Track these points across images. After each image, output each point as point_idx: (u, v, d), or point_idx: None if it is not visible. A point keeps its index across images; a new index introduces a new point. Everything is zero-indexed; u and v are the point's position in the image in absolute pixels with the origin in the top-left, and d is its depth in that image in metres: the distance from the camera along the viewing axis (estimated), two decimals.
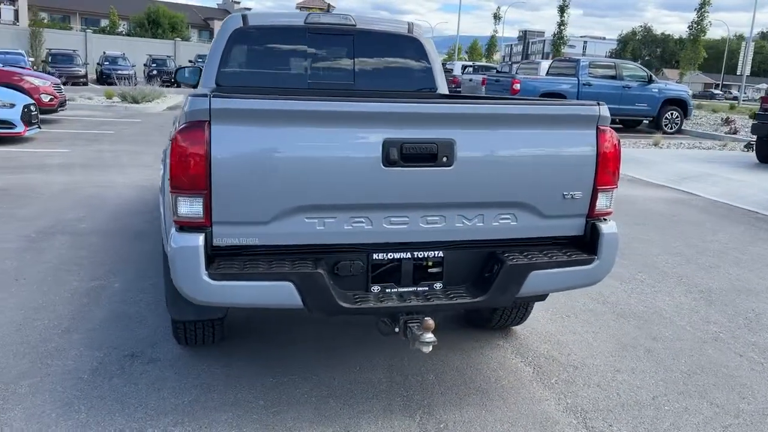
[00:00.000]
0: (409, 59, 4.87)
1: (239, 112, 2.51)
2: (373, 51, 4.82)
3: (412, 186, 2.68)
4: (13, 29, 45.75)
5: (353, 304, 2.69)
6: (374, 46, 4.81)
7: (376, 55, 4.83)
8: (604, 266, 2.97)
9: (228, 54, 4.52)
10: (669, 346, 4.04)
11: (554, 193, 2.87)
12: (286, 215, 2.62)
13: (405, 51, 4.85)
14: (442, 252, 2.89)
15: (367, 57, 4.82)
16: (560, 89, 18.12)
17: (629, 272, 5.52)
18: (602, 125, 2.90)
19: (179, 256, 2.53)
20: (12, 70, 15.25)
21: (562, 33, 45.55)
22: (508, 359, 3.75)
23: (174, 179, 2.53)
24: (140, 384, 3.29)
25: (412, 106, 2.66)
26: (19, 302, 4.30)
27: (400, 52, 4.86)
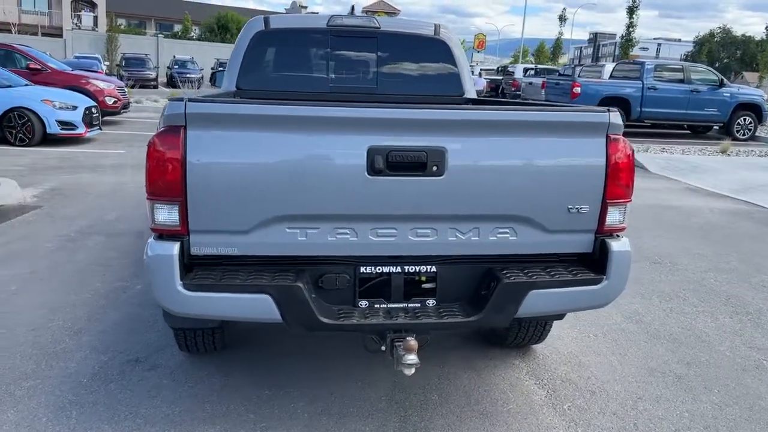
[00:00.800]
0: (435, 62, 4.70)
1: (216, 117, 2.42)
2: (397, 54, 4.67)
3: (400, 196, 2.52)
4: (92, 35, 47.92)
5: (335, 320, 2.55)
6: (399, 49, 4.66)
7: (401, 57, 4.68)
8: (613, 287, 2.72)
9: (249, 57, 4.46)
10: (703, 373, 3.71)
11: (558, 207, 2.65)
12: (266, 225, 2.51)
13: (431, 53, 4.68)
14: (435, 267, 2.71)
15: (392, 60, 4.67)
16: (623, 93, 17.41)
17: (672, 289, 5.16)
18: (613, 133, 2.65)
19: (154, 265, 2.46)
20: (79, 74, 15.87)
21: (631, 35, 43.97)
22: (521, 381, 3.53)
23: (150, 185, 2.46)
24: (136, 391, 3.26)
25: (399, 111, 2.50)
26: (41, 302, 4.37)
27: (425, 55, 4.69)
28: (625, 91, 17.52)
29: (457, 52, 4.68)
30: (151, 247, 2.48)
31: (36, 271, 4.97)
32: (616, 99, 17.32)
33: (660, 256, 6.10)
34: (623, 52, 43.40)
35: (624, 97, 17.38)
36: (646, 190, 9.63)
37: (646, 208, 8.34)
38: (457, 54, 4.67)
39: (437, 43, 4.65)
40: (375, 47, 4.61)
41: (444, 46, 4.66)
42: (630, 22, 43.75)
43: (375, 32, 4.56)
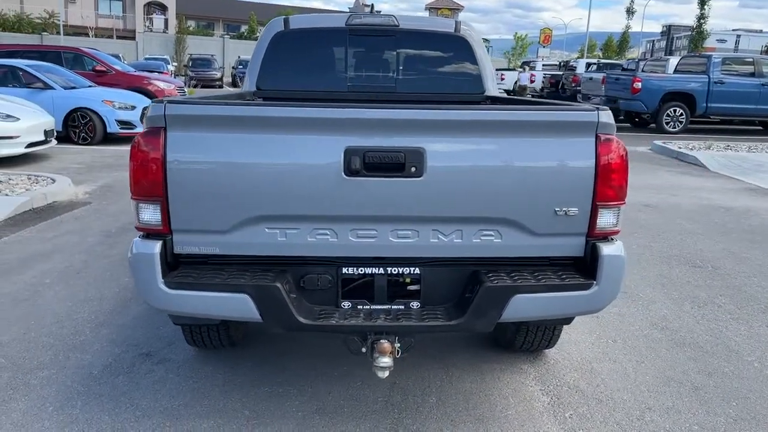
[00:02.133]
0: (455, 60, 4.63)
1: (195, 119, 2.46)
2: (417, 52, 4.63)
3: (378, 197, 2.50)
4: (162, 37, 49.73)
5: (314, 321, 2.55)
6: (418, 47, 4.61)
7: (421, 56, 4.64)
8: (604, 293, 2.61)
9: (269, 58, 4.52)
10: (723, 384, 3.52)
11: (544, 209, 2.56)
12: (246, 225, 2.54)
13: (451, 51, 4.61)
14: (418, 269, 2.68)
15: (411, 58, 4.64)
16: (687, 88, 16.72)
17: (708, 295, 4.92)
18: (604, 133, 2.54)
19: (137, 263, 2.53)
20: (141, 75, 16.51)
21: (702, 27, 41.98)
22: (525, 386, 3.44)
23: (133, 185, 2.53)
24: (141, 383, 3.36)
25: (375, 111, 2.47)
26: (71, 294, 4.57)
27: (445, 53, 4.63)
28: (689, 85, 16.82)
29: (478, 49, 4.59)
30: (135, 246, 2.56)
31: (72, 265, 5.20)
32: (679, 94, 16.69)
33: (702, 259, 5.82)
34: (693, 44, 41.55)
35: (688, 92, 16.71)
36: (699, 189, 9.21)
37: (695, 208, 7.97)
38: (478, 51, 4.59)
39: (458, 41, 4.58)
40: (394, 46, 4.59)
41: (465, 43, 4.59)
42: (702, 13, 41.86)
43: (394, 30, 4.53)
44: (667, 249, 6.13)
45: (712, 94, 16.59)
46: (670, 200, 8.44)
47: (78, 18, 49.35)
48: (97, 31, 48.96)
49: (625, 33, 59.94)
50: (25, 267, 5.15)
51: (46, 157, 10.57)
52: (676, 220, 7.31)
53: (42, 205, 7.29)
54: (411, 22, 4.60)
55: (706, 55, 17.91)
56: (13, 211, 6.75)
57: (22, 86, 12.20)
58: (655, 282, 5.16)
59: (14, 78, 12.44)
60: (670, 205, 8.15)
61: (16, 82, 12.37)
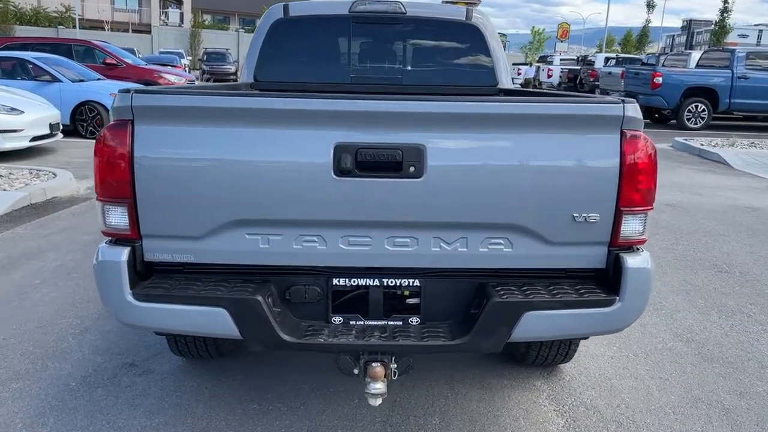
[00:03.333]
0: (466, 50, 4.32)
1: (165, 110, 2.18)
2: (424, 41, 4.33)
3: (372, 200, 2.21)
4: (177, 30, 49.67)
5: (299, 339, 2.27)
6: (426, 36, 4.31)
7: (429, 45, 4.34)
8: (628, 310, 2.30)
9: (267, 47, 4.24)
10: (757, 405, 3.19)
11: (560, 215, 2.25)
12: (223, 230, 2.26)
13: (462, 40, 4.31)
14: (418, 281, 2.38)
15: (418, 48, 4.34)
16: (710, 83, 16.21)
17: (737, 303, 4.58)
18: (630, 129, 2.23)
19: (101, 272, 2.26)
20: (152, 68, 16.35)
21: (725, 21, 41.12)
22: (538, 405, 3.14)
23: (99, 184, 2.26)
24: (121, 398, 3.10)
25: (368, 103, 2.17)
26: (59, 297, 4.33)
27: (455, 42, 4.32)
28: (712, 80, 16.32)
29: (491, 38, 4.28)
30: (101, 253, 2.29)
31: (63, 264, 4.97)
32: (701, 89, 16.21)
33: (728, 263, 5.47)
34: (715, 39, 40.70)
35: (711, 87, 16.21)
36: (723, 189, 8.82)
37: (719, 208, 7.59)
38: (491, 41, 4.27)
39: (469, 29, 4.27)
40: (400, 34, 4.29)
41: (476, 31, 4.27)
42: (724, 8, 41.01)
43: (401, 18, 4.23)
44: (691, 252, 5.78)
45: (736, 89, 16.08)
46: (693, 199, 8.07)
47: (94, 12, 49.43)
48: (113, 24, 49.03)
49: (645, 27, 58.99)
50: (15, 266, 4.93)
51: (52, 151, 10.40)
52: (700, 221, 6.95)
53: (41, 200, 7.09)
54: (419, 9, 4.30)
55: (730, 50, 17.39)
56: (10, 207, 6.55)
57: (30, 79, 12.05)
58: (679, 289, 4.83)
59: (23, 70, 12.29)
60: (693, 204, 7.78)
61: (25, 74, 12.23)
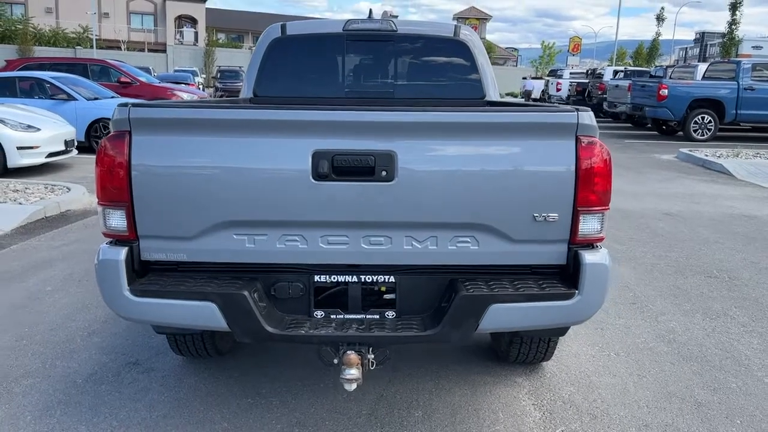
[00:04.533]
0: (454, 65, 4.52)
1: (159, 122, 2.41)
2: (415, 56, 4.53)
3: (348, 202, 2.41)
4: (192, 49, 50.52)
5: (283, 331, 2.47)
6: (416, 52, 4.52)
7: (419, 60, 4.54)
8: (587, 303, 2.47)
9: (266, 64, 4.47)
10: (728, 400, 3.33)
11: (522, 215, 2.44)
12: (212, 231, 2.47)
13: (450, 56, 4.51)
14: (393, 277, 2.57)
15: (409, 63, 4.54)
16: (716, 95, 16.31)
17: (722, 306, 4.71)
18: (584, 135, 2.41)
19: (102, 270, 2.48)
20: (165, 86, 16.73)
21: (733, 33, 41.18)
22: (517, 400, 3.30)
23: (100, 190, 2.48)
24: (124, 393, 3.31)
25: (343, 114, 2.39)
26: (70, 302, 4.57)
27: (444, 57, 4.53)
28: (718, 92, 16.42)
29: (478, 53, 4.48)
30: (102, 252, 2.51)
31: (74, 273, 5.21)
32: (708, 101, 16.31)
33: (719, 269, 5.60)
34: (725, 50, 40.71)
35: (717, 98, 16.31)
36: (723, 198, 8.92)
37: (717, 217, 7.71)
38: (478, 56, 4.47)
39: (457, 45, 4.48)
40: (392, 50, 4.50)
41: (464, 47, 4.48)
42: (733, 19, 41.06)
43: (392, 35, 4.45)
44: (683, 259, 5.91)
45: (742, 100, 16.16)
46: (691, 208, 8.19)
47: (111, 32, 50.45)
48: (129, 44, 49.97)
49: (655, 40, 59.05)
50: (29, 274, 5.18)
51: (67, 167, 10.73)
52: (696, 229, 7.07)
53: (55, 213, 7.36)
54: (409, 26, 4.52)
55: (735, 61, 17.49)
56: (26, 220, 6.82)
57: (47, 97, 12.44)
58: (666, 293, 4.97)
59: (40, 89, 12.70)
60: (691, 213, 7.90)
61: (42, 93, 12.62)
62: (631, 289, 5.04)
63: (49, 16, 48.27)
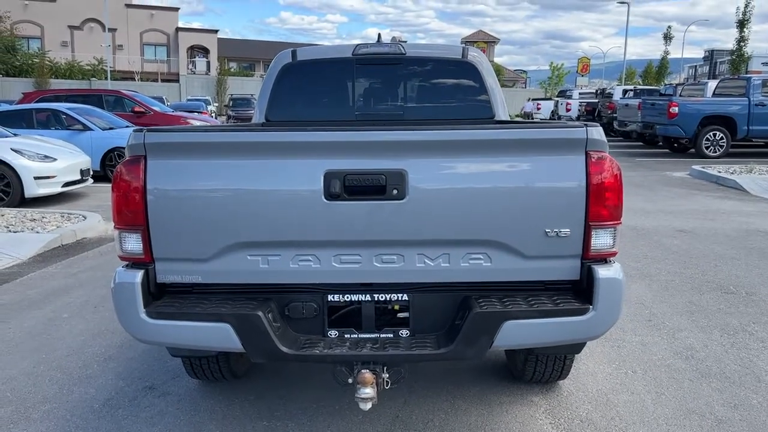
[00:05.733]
0: (463, 86, 4.57)
1: (174, 146, 2.45)
2: (424, 78, 4.59)
3: (360, 221, 2.44)
4: (204, 78, 51.29)
5: (297, 351, 2.48)
6: (425, 74, 4.58)
7: (428, 83, 4.60)
8: (602, 318, 2.47)
9: (277, 89, 4.54)
10: (750, 417, 3.28)
11: (533, 230, 2.45)
12: (227, 252, 2.50)
13: (459, 77, 4.56)
14: (406, 295, 2.58)
15: (418, 85, 4.61)
16: (727, 111, 16.28)
17: (740, 322, 4.65)
18: (594, 150, 2.43)
19: (118, 293, 2.51)
20: (178, 115, 16.98)
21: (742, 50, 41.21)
22: (534, 419, 3.27)
23: (116, 214, 2.52)
24: (140, 417, 3.32)
25: (354, 134, 2.43)
26: (86, 328, 4.60)
27: (453, 79, 4.58)
28: (729, 109, 16.38)
29: (486, 74, 4.52)
30: (118, 275, 2.54)
31: (90, 300, 5.26)
32: (719, 118, 16.27)
33: (736, 285, 5.54)
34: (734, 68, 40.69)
35: (728, 115, 16.27)
36: (738, 214, 8.86)
37: (732, 233, 7.65)
38: (486, 76, 4.52)
39: (465, 66, 4.53)
40: (401, 73, 4.56)
41: (473, 68, 4.53)
42: (741, 36, 41.13)
43: (401, 58, 4.51)
44: (699, 275, 5.86)
45: (753, 116, 16.11)
46: (706, 225, 8.13)
47: (125, 63, 51.33)
48: (142, 75, 50.78)
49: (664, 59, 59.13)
50: (46, 302, 5.23)
51: (83, 196, 10.87)
52: (711, 245, 7.02)
53: (71, 241, 7.44)
54: (418, 49, 4.58)
55: (745, 78, 17.47)
56: (43, 248, 6.91)
57: (63, 128, 12.65)
58: (683, 309, 4.92)
59: (56, 120, 12.92)
60: (706, 229, 7.85)
61: (58, 124, 12.84)
62: (647, 306, 5.00)
63: (64, 49, 49.22)
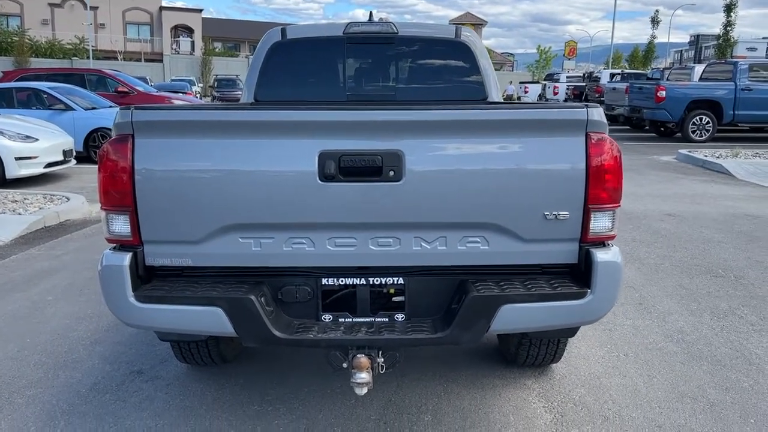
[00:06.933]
0: (455, 66, 4.50)
1: (163, 125, 2.37)
2: (416, 59, 4.51)
3: (355, 203, 2.38)
4: (189, 59, 50.62)
5: (291, 335, 2.43)
6: (418, 54, 4.50)
7: (420, 62, 4.52)
8: (599, 302, 2.43)
9: (266, 68, 4.44)
10: (742, 399, 3.29)
11: (532, 213, 2.41)
12: (218, 234, 2.43)
13: (452, 57, 4.49)
14: (402, 279, 2.54)
15: (411, 65, 4.52)
16: (714, 96, 16.34)
17: (730, 305, 4.67)
18: (594, 131, 2.38)
19: (105, 276, 2.44)
20: (162, 95, 16.75)
21: (729, 35, 41.36)
22: (528, 403, 3.26)
23: (103, 195, 2.44)
24: (128, 402, 3.26)
25: (349, 113, 2.36)
26: (71, 312, 4.52)
27: (446, 59, 4.50)
28: (716, 93, 16.44)
29: (479, 55, 4.45)
30: (105, 258, 2.47)
31: (75, 282, 5.16)
32: (705, 102, 16.33)
33: (724, 269, 5.56)
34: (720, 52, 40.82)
35: (715, 99, 16.33)
36: (724, 197, 8.90)
37: (720, 217, 7.68)
38: (479, 57, 4.45)
39: (458, 46, 4.45)
40: (393, 53, 4.48)
41: (466, 49, 4.45)
42: (728, 21, 41.24)
43: (392, 38, 4.42)
44: (687, 259, 5.88)
45: (740, 101, 16.18)
46: (693, 209, 8.16)
47: (107, 43, 50.48)
48: (125, 54, 50.02)
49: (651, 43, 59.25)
50: (30, 284, 5.13)
51: (65, 177, 10.69)
52: (699, 229, 7.04)
53: (54, 223, 7.31)
54: (410, 28, 4.49)
55: (732, 62, 17.51)
56: (25, 230, 6.78)
57: (44, 108, 12.42)
58: (673, 293, 4.93)
59: (38, 100, 12.67)
60: (693, 213, 7.88)
61: (40, 104, 12.60)
62: (637, 289, 5.00)
63: (45, 27, 48.31)
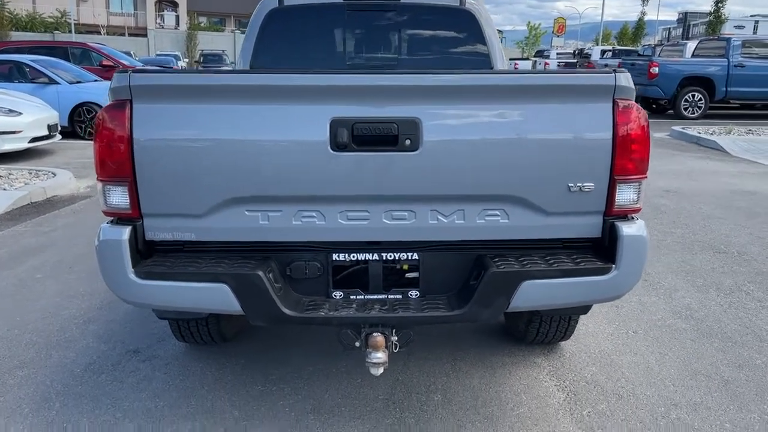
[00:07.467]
0: (460, 35, 4.33)
1: (163, 89, 2.22)
2: (419, 27, 4.34)
3: (369, 174, 2.24)
4: (173, 33, 49.70)
5: (301, 313, 2.30)
6: (420, 22, 4.33)
7: (423, 31, 4.35)
8: (624, 277, 2.33)
9: (263, 35, 4.27)
10: (756, 377, 3.22)
11: (556, 185, 2.28)
12: (223, 207, 2.29)
13: (456, 26, 4.32)
14: (416, 254, 2.41)
15: (413, 34, 4.36)
16: (706, 72, 16.21)
17: (735, 281, 4.60)
18: (622, 98, 2.26)
19: (103, 251, 2.29)
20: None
21: (720, 11, 41.24)
22: (539, 381, 3.17)
23: (99, 165, 2.29)
24: (125, 383, 3.13)
25: (363, 78, 2.21)
26: (62, 289, 4.36)
27: (450, 28, 4.34)
28: (708, 69, 16.31)
29: (485, 24, 4.29)
30: (103, 232, 2.32)
31: (64, 260, 5.00)
32: (698, 79, 16.21)
33: (726, 245, 5.50)
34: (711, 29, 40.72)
35: (707, 76, 16.20)
36: (721, 174, 8.85)
37: (718, 193, 7.62)
38: (485, 26, 4.29)
39: (463, 14, 4.28)
40: (395, 21, 4.31)
41: (471, 17, 4.29)
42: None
43: (394, 5, 4.25)
44: (689, 234, 5.81)
45: (732, 78, 16.07)
46: (691, 185, 8.10)
47: (90, 16, 49.43)
48: (108, 29, 49.07)
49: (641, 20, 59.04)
50: (17, 262, 4.96)
51: (50, 152, 10.42)
52: (698, 205, 6.98)
53: (41, 199, 7.11)
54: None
55: (725, 38, 17.40)
56: (11, 206, 6.57)
57: (27, 81, 12.07)
58: (677, 269, 4.86)
59: (20, 73, 12.31)
60: (691, 190, 7.81)
61: (22, 77, 12.24)
62: None
63: (25, 0, 47.16)
